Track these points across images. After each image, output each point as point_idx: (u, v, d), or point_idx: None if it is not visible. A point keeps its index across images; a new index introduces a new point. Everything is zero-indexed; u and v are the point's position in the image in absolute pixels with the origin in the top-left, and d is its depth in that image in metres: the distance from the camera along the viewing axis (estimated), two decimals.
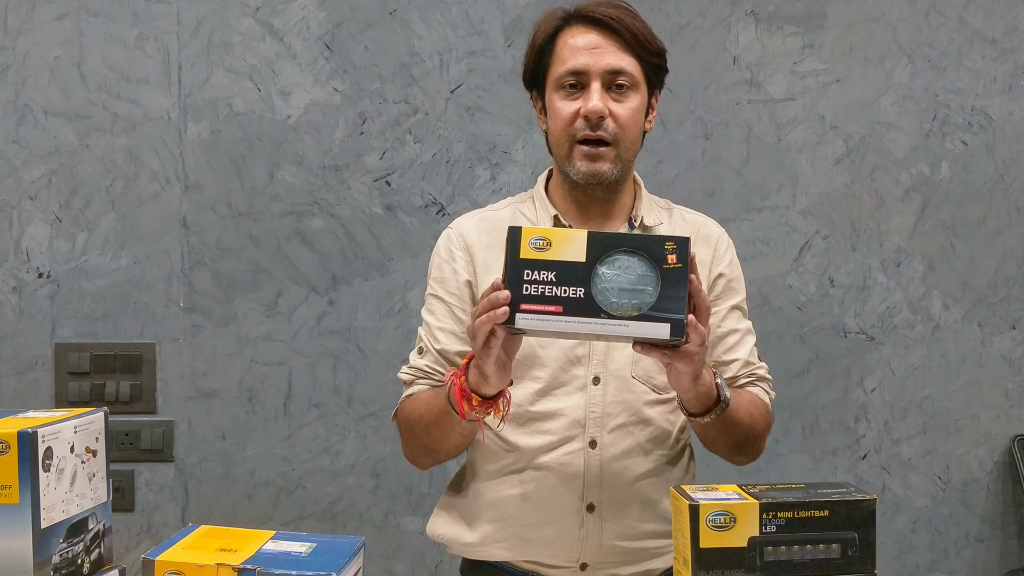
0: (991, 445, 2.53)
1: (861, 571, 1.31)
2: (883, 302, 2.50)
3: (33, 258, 2.42)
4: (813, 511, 1.29)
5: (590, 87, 1.53)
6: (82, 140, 2.41)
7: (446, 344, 1.61)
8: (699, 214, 1.71)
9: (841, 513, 1.30)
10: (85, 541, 1.35)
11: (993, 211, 2.50)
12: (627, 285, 1.30)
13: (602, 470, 1.56)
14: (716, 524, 1.29)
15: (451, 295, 1.62)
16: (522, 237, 1.32)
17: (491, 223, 1.65)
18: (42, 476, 1.27)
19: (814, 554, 1.30)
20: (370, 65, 2.42)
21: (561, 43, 1.57)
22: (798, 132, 2.47)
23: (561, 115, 1.55)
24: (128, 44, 2.40)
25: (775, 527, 1.29)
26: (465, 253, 1.62)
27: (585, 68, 1.53)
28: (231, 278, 2.43)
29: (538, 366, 1.57)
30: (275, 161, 2.42)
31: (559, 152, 1.58)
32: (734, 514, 1.28)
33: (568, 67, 1.54)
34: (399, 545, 2.46)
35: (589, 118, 1.52)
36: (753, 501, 1.29)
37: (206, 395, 2.44)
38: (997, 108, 2.48)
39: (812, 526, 1.29)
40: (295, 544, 1.30)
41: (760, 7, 2.44)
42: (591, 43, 1.54)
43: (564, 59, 1.55)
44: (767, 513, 1.29)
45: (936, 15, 2.46)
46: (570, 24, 1.57)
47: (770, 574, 1.31)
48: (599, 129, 1.53)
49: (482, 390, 1.42)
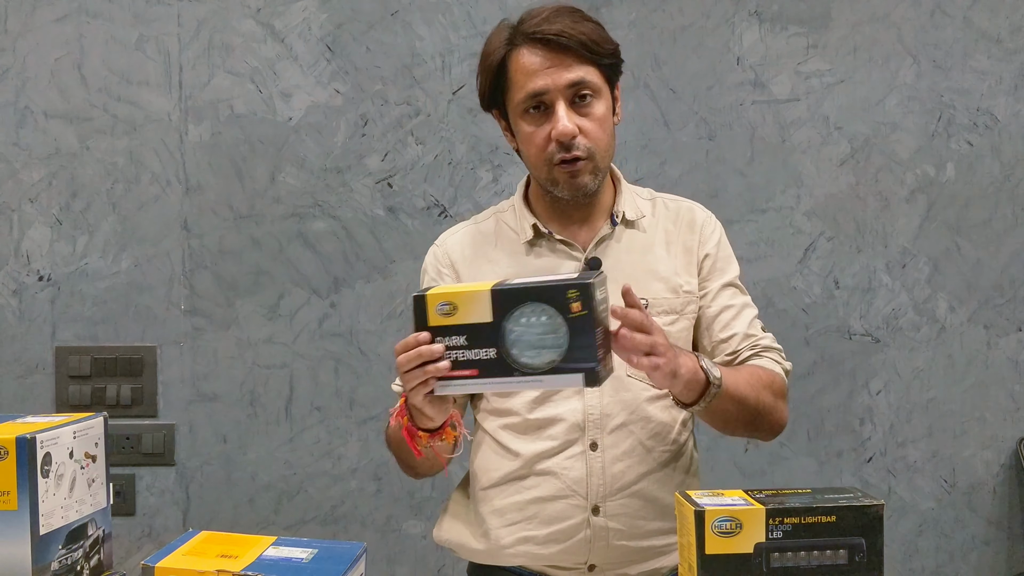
0: (997, 448, 2.51)
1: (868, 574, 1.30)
2: (888, 304, 2.48)
3: (33, 261, 2.41)
4: (820, 516, 1.28)
5: (555, 108, 1.51)
6: (82, 142, 2.40)
7: None
8: (683, 199, 1.70)
9: (848, 518, 1.28)
10: (84, 547, 1.34)
11: (999, 212, 2.48)
12: (535, 340, 1.29)
13: (605, 472, 1.56)
14: (722, 530, 1.27)
15: None
16: (428, 305, 1.32)
17: (475, 236, 1.66)
18: (41, 482, 1.26)
19: (821, 560, 1.28)
20: (372, 66, 2.41)
21: (514, 67, 1.53)
22: (802, 133, 2.45)
23: (533, 142, 1.54)
24: (129, 46, 2.39)
25: (782, 533, 1.27)
26: (451, 271, 1.63)
27: (544, 89, 1.50)
28: (232, 281, 2.42)
29: None
30: (276, 163, 2.41)
31: (539, 175, 1.57)
32: (740, 520, 1.27)
33: (527, 91, 1.51)
34: (401, 549, 2.45)
35: (560, 141, 1.51)
36: (759, 507, 1.28)
37: (207, 398, 2.43)
38: (1003, 109, 2.47)
39: (819, 532, 1.28)
40: (296, 550, 1.29)
41: (764, 7, 2.43)
42: (544, 63, 1.50)
43: (520, 84, 1.52)
44: (773, 519, 1.27)
45: (941, 15, 2.45)
46: (517, 45, 1.53)
47: None
48: (573, 149, 1.51)
49: (425, 425, 1.43)
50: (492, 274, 1.59)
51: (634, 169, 2.41)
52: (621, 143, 2.42)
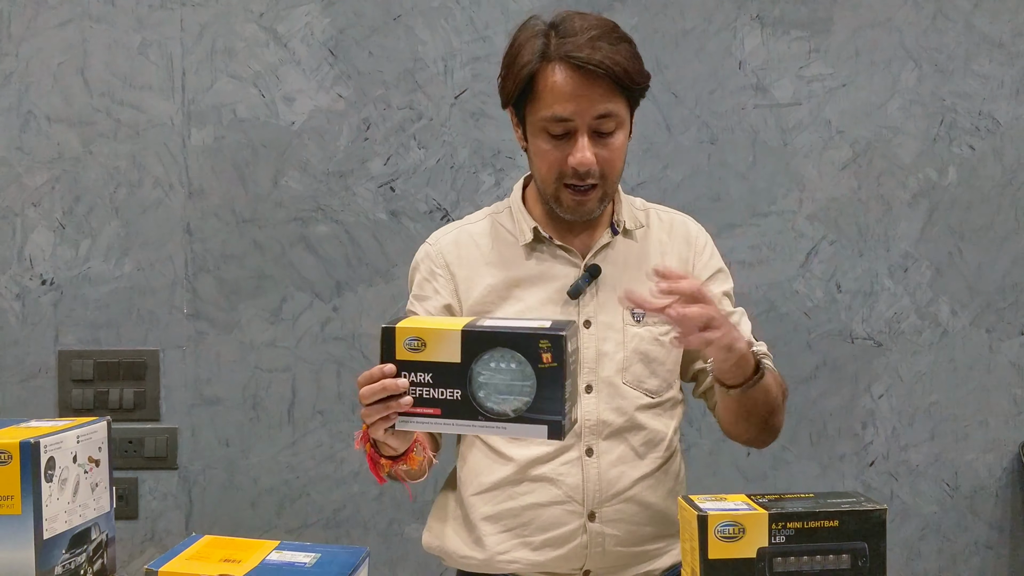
0: (999, 451, 2.51)
1: None
2: (890, 307, 2.48)
3: (36, 265, 2.41)
4: (823, 521, 1.28)
5: (577, 137, 1.48)
6: (85, 146, 2.40)
7: None
8: (675, 212, 1.70)
9: (851, 523, 1.28)
10: (88, 552, 1.34)
11: (1001, 216, 2.48)
12: (503, 387, 1.27)
13: (600, 477, 1.56)
14: (725, 535, 1.27)
15: (429, 315, 1.62)
16: (396, 338, 1.30)
17: (469, 236, 1.64)
18: (44, 486, 1.26)
19: (824, 565, 1.28)
20: (374, 71, 2.41)
21: (543, 82, 1.47)
22: (804, 137, 2.45)
23: (547, 160, 1.51)
24: (131, 50, 2.40)
25: (784, 537, 1.27)
26: (445, 271, 1.62)
27: (572, 115, 1.47)
28: (235, 285, 2.42)
29: None
30: (279, 167, 2.42)
31: (545, 189, 1.55)
32: (743, 524, 1.27)
33: (554, 113, 1.47)
34: (403, 553, 2.44)
35: (577, 170, 1.49)
36: (762, 511, 1.28)
37: (210, 402, 2.43)
38: (1005, 112, 2.47)
39: (822, 536, 1.28)
40: (299, 555, 1.29)
41: (766, 12, 2.43)
42: (576, 89, 1.46)
43: (547, 102, 1.47)
44: (776, 523, 1.27)
45: (943, 19, 2.45)
46: (551, 61, 1.47)
47: None
48: (588, 177, 1.50)
49: (387, 452, 1.44)
50: (489, 276, 1.58)
51: (636, 173, 2.41)
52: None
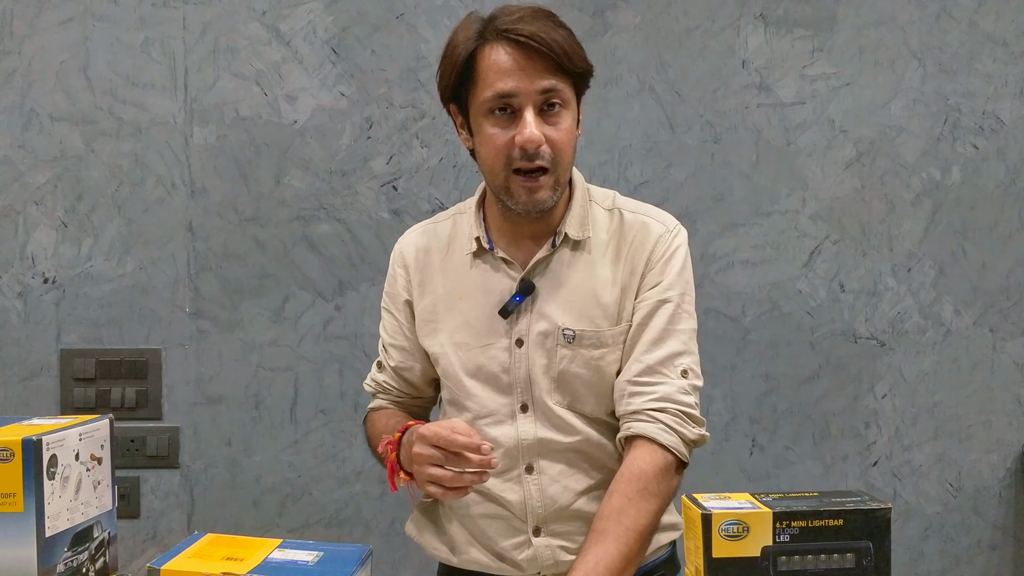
0: (1003, 452, 2.51)
1: None
2: (894, 307, 2.48)
3: (38, 263, 2.41)
4: (827, 520, 1.28)
5: (523, 113, 1.43)
6: (88, 145, 2.40)
7: (399, 361, 1.66)
8: (647, 214, 1.56)
9: (856, 522, 1.28)
10: (90, 549, 1.34)
11: (1004, 215, 2.48)
12: None
13: (542, 494, 1.54)
14: (729, 533, 1.27)
15: (399, 311, 1.64)
16: None
17: (430, 237, 1.63)
18: (47, 484, 1.26)
19: (828, 564, 1.28)
20: (377, 69, 2.41)
21: (483, 63, 1.44)
22: (808, 136, 2.45)
23: (494, 144, 1.45)
24: (134, 49, 2.39)
25: (789, 536, 1.27)
26: (404, 271, 1.63)
27: (515, 91, 1.42)
28: (237, 283, 2.42)
29: (466, 395, 1.56)
30: (281, 166, 2.41)
31: (494, 180, 1.49)
32: (747, 523, 1.27)
33: (495, 91, 1.43)
34: (405, 552, 2.44)
35: (526, 148, 1.43)
36: (766, 510, 1.27)
37: (212, 401, 2.43)
38: (1008, 112, 2.46)
39: (826, 535, 1.28)
40: (301, 553, 1.29)
41: (769, 10, 2.43)
42: (517, 63, 1.42)
43: (489, 82, 1.43)
44: (780, 522, 1.27)
45: (947, 18, 2.44)
46: (489, 41, 1.44)
47: None
48: (536, 158, 1.44)
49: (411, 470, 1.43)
50: (439, 286, 1.58)
51: (639, 172, 2.41)
52: (627, 145, 2.43)
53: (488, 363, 1.54)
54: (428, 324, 1.59)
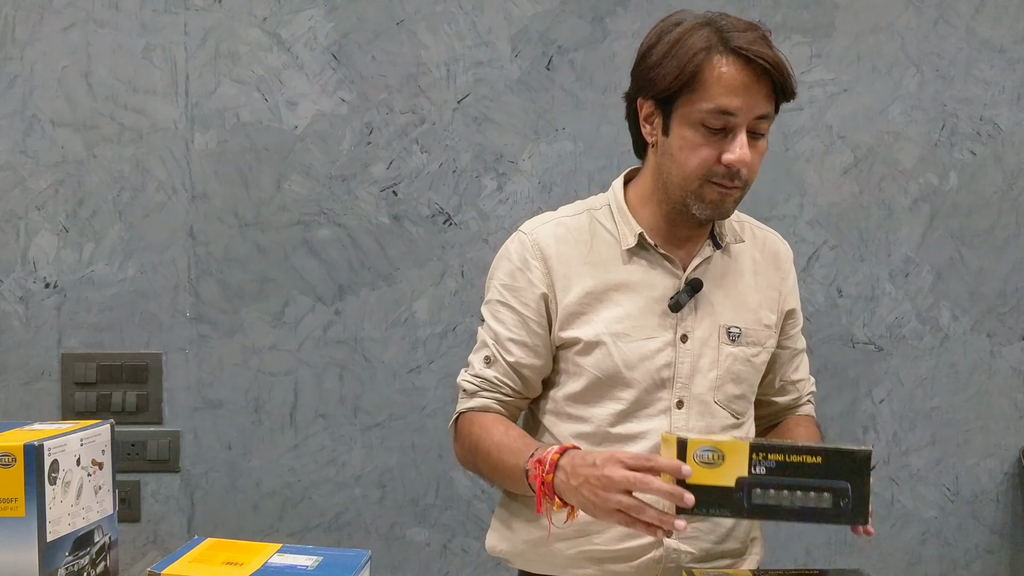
0: (1000, 456, 2.51)
1: (853, 523, 1.27)
2: (891, 312, 2.48)
3: (40, 268, 2.42)
4: (806, 456, 1.25)
5: (736, 133, 1.44)
6: (89, 150, 2.41)
7: (520, 357, 1.57)
8: (767, 228, 1.70)
9: (835, 461, 1.25)
10: (91, 554, 1.35)
11: (1002, 221, 2.49)
12: None
13: None
14: (704, 460, 1.25)
15: (525, 306, 1.56)
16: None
17: (567, 231, 1.58)
18: (48, 489, 1.27)
19: (804, 501, 1.25)
20: (377, 75, 2.42)
21: (710, 73, 1.43)
22: (806, 142, 2.46)
23: (698, 154, 1.46)
24: (135, 54, 2.40)
25: (765, 469, 1.25)
26: (542, 264, 1.56)
27: (736, 111, 1.43)
28: (238, 288, 2.43)
29: (622, 387, 1.53)
30: (282, 171, 2.42)
31: (686, 185, 1.49)
32: (723, 451, 1.24)
33: (718, 105, 1.43)
34: (405, 557, 2.45)
35: (733, 167, 1.45)
36: (744, 442, 1.25)
37: (212, 405, 2.44)
38: (1006, 118, 2.47)
39: (804, 472, 1.25)
40: (301, 557, 1.30)
41: (767, 17, 2.44)
42: (745, 83, 1.43)
43: (712, 94, 1.43)
44: (757, 453, 1.24)
45: (944, 24, 2.45)
46: (720, 53, 1.44)
47: (757, 517, 1.27)
48: (737, 178, 1.47)
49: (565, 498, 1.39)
50: (588, 278, 1.54)
51: None
52: (626, 151, 2.42)
53: (651, 356, 1.53)
54: (577, 316, 1.54)
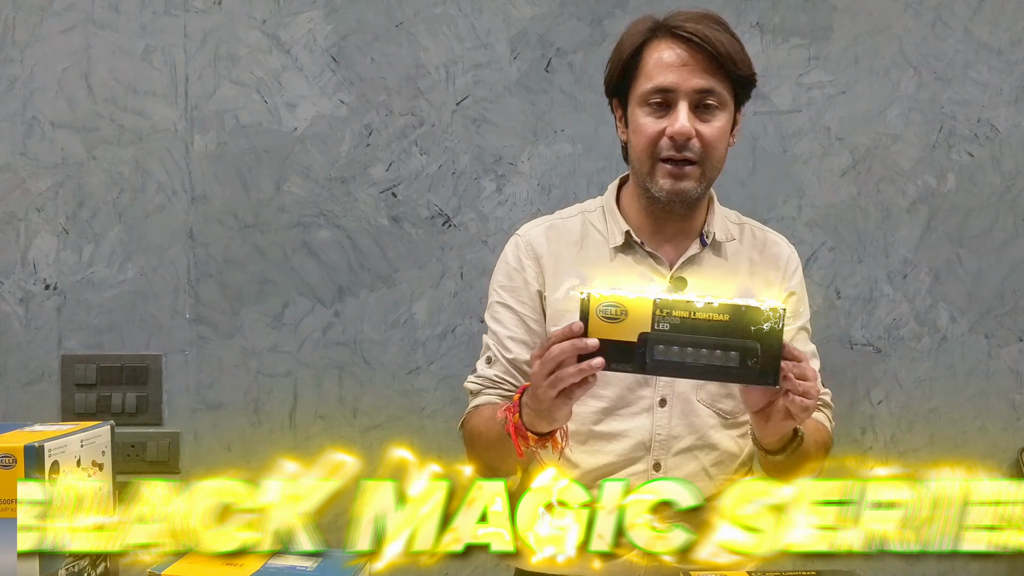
0: (998, 457, 2.52)
1: (762, 383, 1.25)
2: (889, 314, 2.49)
3: (40, 270, 2.42)
4: (712, 313, 1.23)
5: (677, 107, 1.49)
6: (89, 152, 2.41)
7: (518, 354, 1.60)
8: (769, 230, 1.69)
9: (743, 318, 1.23)
10: (91, 555, 1.35)
11: (999, 222, 2.49)
12: None
13: None
14: (607, 315, 1.24)
15: (522, 304, 1.60)
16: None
17: (560, 232, 1.63)
18: None
19: (710, 359, 1.23)
20: (376, 77, 2.42)
21: (648, 57, 1.52)
22: (804, 143, 2.46)
23: (645, 133, 1.52)
24: (135, 56, 2.41)
25: (668, 325, 1.23)
26: (535, 263, 1.60)
27: (673, 86, 1.49)
28: (237, 289, 2.43)
29: (604, 385, 1.54)
30: (281, 173, 2.43)
31: (640, 168, 1.54)
32: (626, 307, 1.23)
33: (655, 84, 1.50)
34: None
35: (675, 139, 1.49)
36: (648, 297, 1.23)
37: (212, 407, 2.44)
38: (1003, 120, 2.48)
39: (710, 330, 1.23)
40: (301, 558, 1.30)
41: (766, 19, 2.44)
42: (679, 60, 1.49)
43: (651, 75, 1.51)
44: (661, 310, 1.23)
45: (942, 27, 2.46)
46: (658, 37, 1.52)
47: (661, 374, 1.25)
48: (684, 150, 1.50)
49: (539, 428, 1.40)
50: (574, 276, 1.56)
51: None
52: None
53: None
54: (563, 314, 1.56)
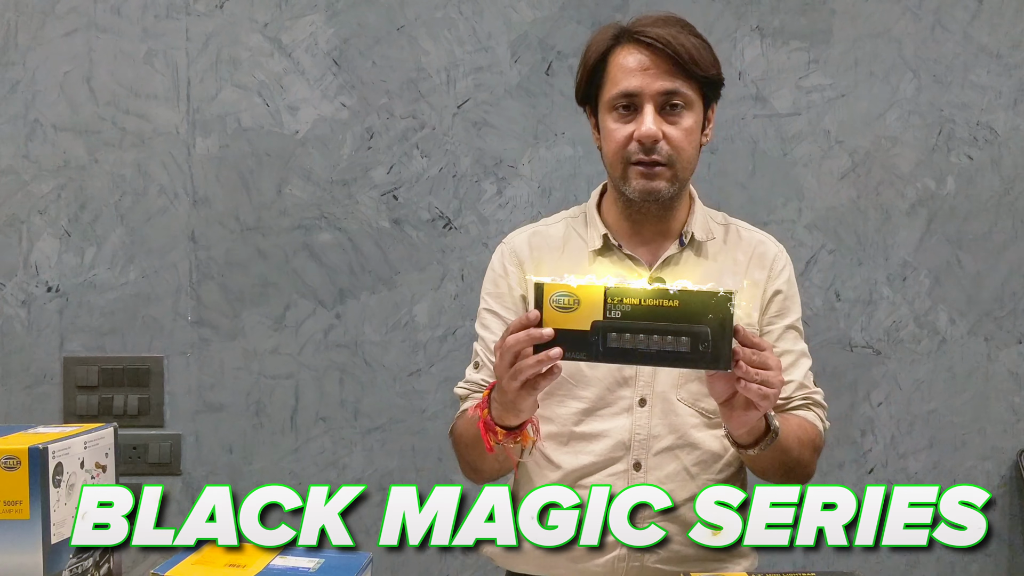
0: (998, 459, 2.52)
1: (714, 367, 1.27)
2: (889, 316, 2.50)
3: (42, 272, 2.43)
4: (662, 300, 1.25)
5: (643, 110, 1.51)
6: (91, 155, 2.42)
7: None
8: (757, 231, 1.69)
9: (693, 304, 1.24)
10: (95, 556, 1.36)
11: (999, 225, 2.50)
12: None
13: None
14: (560, 305, 1.26)
15: (507, 310, 1.61)
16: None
17: (543, 238, 1.65)
18: (52, 492, 1.27)
19: (661, 345, 1.25)
20: (377, 80, 2.43)
21: (613, 63, 1.54)
22: (804, 147, 2.47)
23: (614, 138, 1.53)
24: (137, 60, 2.42)
25: (620, 313, 1.25)
26: (518, 269, 1.62)
27: (637, 90, 1.51)
28: (239, 292, 2.44)
29: (584, 386, 1.56)
30: (283, 176, 2.43)
31: (614, 172, 1.56)
32: (578, 296, 1.25)
33: (620, 89, 1.52)
34: (405, 560, 2.46)
35: (643, 142, 1.50)
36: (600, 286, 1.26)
37: (213, 408, 2.45)
38: (1002, 123, 2.48)
39: (661, 316, 1.25)
40: (303, 560, 1.30)
41: (765, 22, 2.45)
42: (642, 64, 1.51)
43: (616, 80, 1.53)
44: (612, 298, 1.25)
45: (941, 30, 2.47)
46: (622, 43, 1.54)
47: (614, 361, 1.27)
48: (653, 152, 1.51)
49: (506, 422, 1.41)
50: None
51: None
52: None
53: None
54: None
